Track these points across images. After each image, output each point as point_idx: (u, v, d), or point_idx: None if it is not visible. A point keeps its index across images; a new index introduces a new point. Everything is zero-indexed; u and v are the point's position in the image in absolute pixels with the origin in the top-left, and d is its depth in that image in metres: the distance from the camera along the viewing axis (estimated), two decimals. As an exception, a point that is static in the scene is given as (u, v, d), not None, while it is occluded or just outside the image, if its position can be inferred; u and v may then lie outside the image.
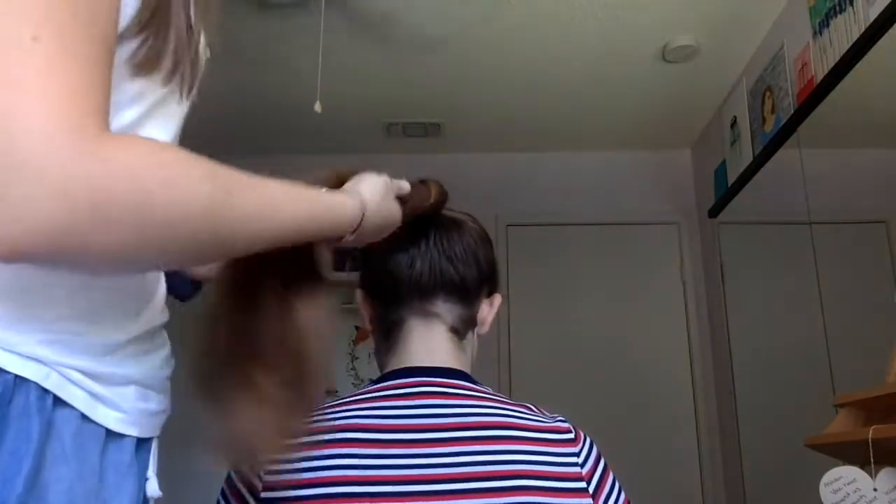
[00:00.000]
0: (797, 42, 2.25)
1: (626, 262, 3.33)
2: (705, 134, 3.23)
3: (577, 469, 0.81)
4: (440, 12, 2.42)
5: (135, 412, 0.59)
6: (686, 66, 2.72)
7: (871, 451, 1.25)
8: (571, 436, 0.84)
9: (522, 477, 0.78)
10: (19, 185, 0.41)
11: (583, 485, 0.81)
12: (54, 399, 0.52)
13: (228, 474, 0.83)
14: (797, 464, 1.77)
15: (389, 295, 0.92)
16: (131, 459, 0.59)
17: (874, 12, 1.77)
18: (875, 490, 1.26)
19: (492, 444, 0.80)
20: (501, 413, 0.84)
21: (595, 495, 0.81)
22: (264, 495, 0.78)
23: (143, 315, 0.62)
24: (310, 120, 2.44)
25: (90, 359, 0.55)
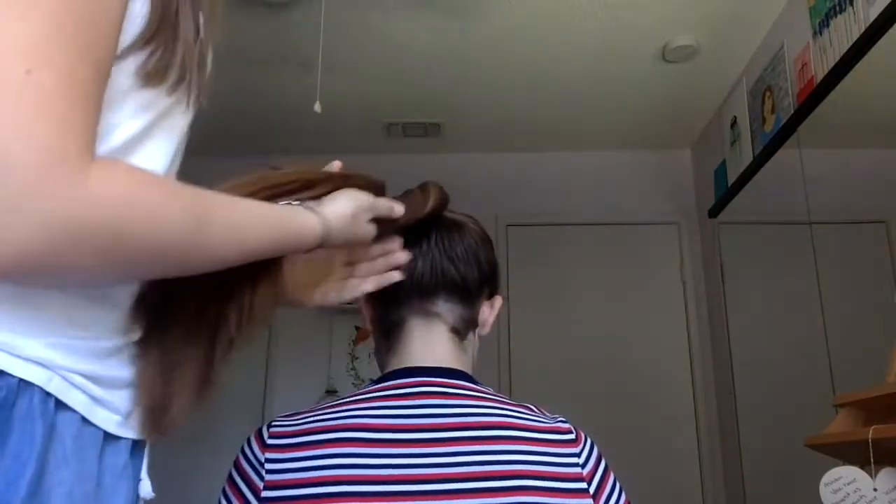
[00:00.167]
0: (797, 42, 2.25)
1: (626, 263, 3.33)
2: (705, 134, 3.23)
3: (578, 469, 0.81)
4: (440, 12, 2.42)
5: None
6: (686, 66, 2.72)
7: (871, 451, 1.25)
8: (572, 436, 0.85)
9: (523, 477, 0.78)
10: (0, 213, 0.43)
11: (583, 485, 0.81)
12: (56, 402, 0.52)
13: (230, 473, 0.83)
14: (797, 464, 1.77)
15: (390, 295, 0.93)
16: (126, 462, 0.60)
17: (874, 12, 1.77)
18: (875, 490, 1.26)
19: (492, 444, 0.80)
20: (502, 413, 0.84)
21: (596, 496, 0.81)
22: (265, 494, 0.78)
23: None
24: (310, 120, 2.44)
25: (92, 362, 0.55)
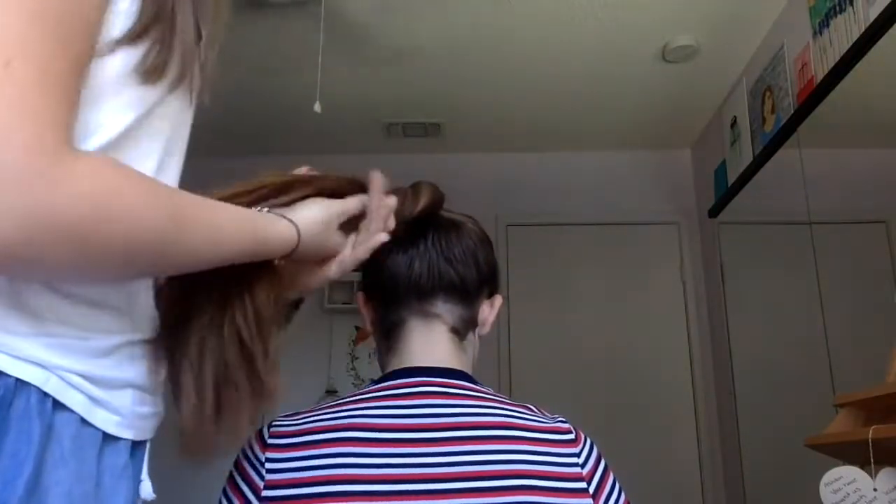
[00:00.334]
0: (797, 42, 2.25)
1: (627, 263, 3.33)
2: (705, 134, 3.23)
3: (578, 469, 0.81)
4: (440, 12, 2.42)
5: (131, 416, 0.60)
6: (686, 66, 2.72)
7: (871, 451, 1.25)
8: (572, 436, 0.85)
9: (522, 476, 0.78)
10: None
11: (583, 485, 0.81)
12: (54, 403, 0.52)
13: (230, 473, 0.83)
14: (797, 464, 1.77)
15: (389, 296, 0.93)
16: (126, 462, 0.60)
17: (874, 12, 1.77)
18: (875, 490, 1.26)
19: (492, 443, 0.80)
20: (501, 413, 0.84)
21: (595, 496, 0.81)
22: (266, 493, 0.78)
23: (135, 315, 0.62)
24: (310, 120, 2.45)
25: (89, 361, 0.55)
